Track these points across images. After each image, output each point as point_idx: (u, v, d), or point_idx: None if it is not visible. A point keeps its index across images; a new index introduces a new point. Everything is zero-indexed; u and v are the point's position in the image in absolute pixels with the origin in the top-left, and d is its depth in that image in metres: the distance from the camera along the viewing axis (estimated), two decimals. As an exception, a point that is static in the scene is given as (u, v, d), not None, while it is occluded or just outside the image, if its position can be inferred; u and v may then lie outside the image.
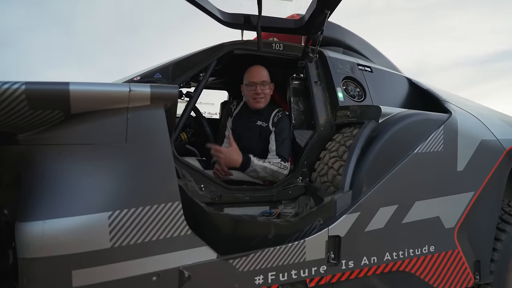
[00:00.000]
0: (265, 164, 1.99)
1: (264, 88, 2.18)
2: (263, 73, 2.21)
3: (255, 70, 2.21)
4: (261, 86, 2.17)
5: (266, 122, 2.21)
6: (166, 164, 1.29)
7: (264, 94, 2.19)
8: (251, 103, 2.22)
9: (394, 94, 2.38)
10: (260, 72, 2.21)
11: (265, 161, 1.99)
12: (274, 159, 2.04)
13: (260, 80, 2.17)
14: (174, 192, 1.29)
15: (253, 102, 2.20)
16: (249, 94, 2.20)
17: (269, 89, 2.23)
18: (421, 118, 1.84)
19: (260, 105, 2.20)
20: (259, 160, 1.99)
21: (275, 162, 2.02)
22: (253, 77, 2.19)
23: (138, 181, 1.25)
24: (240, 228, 1.55)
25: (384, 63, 2.64)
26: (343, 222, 1.58)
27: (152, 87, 1.25)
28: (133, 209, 1.22)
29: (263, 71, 2.21)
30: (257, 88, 2.16)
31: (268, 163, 2.00)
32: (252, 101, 2.20)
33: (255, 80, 2.17)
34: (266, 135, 2.18)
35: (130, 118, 1.24)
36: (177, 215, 1.29)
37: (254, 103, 2.20)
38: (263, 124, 2.21)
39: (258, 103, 2.19)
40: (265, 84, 2.19)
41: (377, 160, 1.68)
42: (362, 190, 1.64)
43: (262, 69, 2.23)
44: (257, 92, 2.16)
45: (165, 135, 1.29)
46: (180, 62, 1.88)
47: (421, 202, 1.75)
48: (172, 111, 1.32)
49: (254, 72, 2.20)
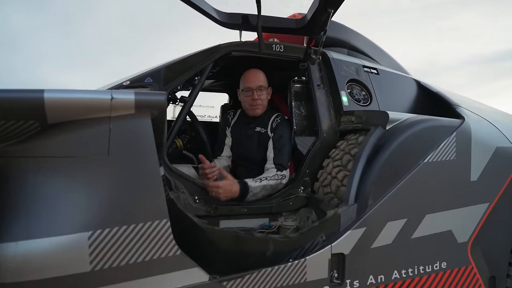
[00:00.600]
0: (262, 183, 1.84)
1: (261, 94, 2.07)
2: (259, 77, 2.09)
3: (251, 74, 2.10)
4: (258, 92, 2.06)
5: (265, 128, 2.10)
6: (152, 178, 1.18)
7: (261, 99, 2.08)
8: (248, 109, 2.11)
9: (402, 98, 2.25)
10: (256, 76, 2.09)
11: (262, 179, 1.85)
12: (270, 172, 1.92)
13: (257, 85, 2.06)
14: (162, 208, 1.18)
15: (250, 109, 2.10)
16: (245, 100, 2.09)
17: (267, 94, 2.12)
18: (431, 124, 1.71)
19: (257, 112, 2.10)
20: (256, 181, 1.84)
21: (271, 176, 1.89)
22: (249, 82, 2.07)
23: (121, 197, 1.14)
24: (236, 245, 1.44)
25: (391, 64, 2.52)
26: (347, 238, 1.46)
27: (136, 94, 1.14)
28: (115, 228, 1.11)
29: (259, 75, 2.10)
30: (253, 93, 2.05)
31: (265, 180, 1.87)
32: (249, 107, 2.10)
33: (251, 85, 2.06)
34: (265, 142, 2.07)
35: (112, 128, 1.13)
36: (165, 234, 1.18)
37: (251, 110, 2.09)
38: (262, 130, 2.10)
39: (255, 110, 2.08)
40: (262, 89, 2.08)
41: (385, 171, 1.56)
42: (368, 203, 1.52)
43: (259, 72, 2.11)
44: (254, 98, 2.05)
45: (151, 146, 1.17)
46: (173, 65, 1.77)
47: (432, 215, 1.63)
48: (159, 120, 1.21)
49: (250, 77, 2.09)
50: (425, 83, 2.39)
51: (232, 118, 2.24)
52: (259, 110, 2.09)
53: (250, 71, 2.12)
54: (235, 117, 2.24)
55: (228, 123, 2.22)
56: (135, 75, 1.68)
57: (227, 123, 2.22)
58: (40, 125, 1.04)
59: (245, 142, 2.10)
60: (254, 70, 2.12)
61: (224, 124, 2.23)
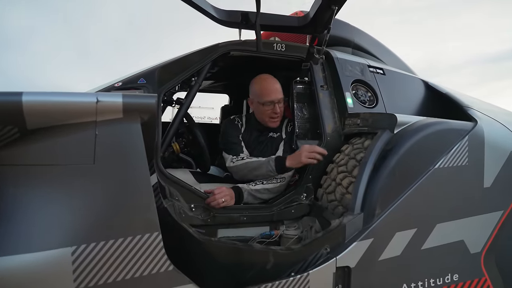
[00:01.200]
0: (256, 187, 1.77)
1: (281, 106, 2.00)
2: (278, 88, 1.99)
3: (270, 86, 1.98)
4: (279, 104, 1.98)
5: (278, 132, 2.05)
6: (142, 188, 1.09)
7: (281, 111, 2.01)
8: (266, 122, 2.02)
9: (410, 100, 2.15)
10: (275, 87, 1.98)
11: (257, 183, 1.79)
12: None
13: (278, 98, 1.96)
14: (152, 221, 1.09)
15: (269, 121, 2.02)
16: (265, 112, 1.99)
17: (283, 103, 2.04)
18: (442, 127, 1.61)
19: (277, 124, 2.04)
20: (249, 185, 1.78)
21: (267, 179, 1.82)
22: (270, 95, 1.95)
23: (108, 209, 1.05)
24: (234, 257, 1.35)
25: (397, 64, 2.42)
26: (353, 250, 1.37)
27: (124, 97, 1.06)
28: (102, 243, 1.02)
29: (277, 86, 1.99)
30: (275, 107, 1.96)
31: (260, 183, 1.79)
32: (268, 120, 2.01)
33: (273, 99, 1.95)
34: (277, 144, 2.02)
35: (99, 134, 1.04)
36: (156, 248, 1.09)
37: (270, 123, 2.02)
38: (274, 135, 2.05)
39: (275, 122, 2.03)
40: (281, 100, 2.00)
41: (393, 177, 1.46)
42: (376, 212, 1.43)
43: (276, 82, 2.00)
44: (276, 111, 1.97)
45: (141, 154, 1.08)
46: (169, 65, 1.68)
47: (443, 225, 1.54)
48: (150, 124, 1.12)
49: (270, 89, 1.97)
50: (433, 84, 2.29)
51: (242, 125, 2.13)
52: (278, 122, 2.04)
53: (267, 80, 2.01)
54: (244, 123, 2.14)
55: (238, 130, 2.10)
56: (128, 76, 1.59)
57: (237, 130, 2.10)
58: (19, 131, 0.96)
59: (258, 149, 2.02)
60: (270, 79, 2.01)
61: (233, 130, 2.10)
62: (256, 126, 2.09)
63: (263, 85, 2.00)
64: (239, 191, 1.73)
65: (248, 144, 2.04)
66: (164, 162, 1.87)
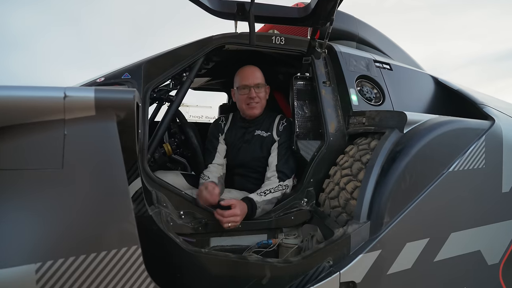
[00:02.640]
0: (267, 197, 1.61)
1: (259, 91, 1.87)
2: (256, 74, 1.89)
3: (247, 71, 1.89)
4: (256, 89, 1.85)
5: (268, 131, 1.89)
6: (119, 195, 0.96)
7: (259, 98, 1.87)
8: (244, 109, 1.89)
9: (419, 97, 2.01)
10: (253, 73, 1.89)
11: (266, 193, 1.63)
12: (272, 183, 1.69)
13: (254, 82, 1.85)
14: (130, 233, 0.95)
15: (247, 108, 1.88)
16: (241, 98, 1.88)
17: (265, 92, 1.93)
18: (457, 126, 1.47)
19: (255, 112, 1.88)
20: (260, 194, 1.61)
21: (274, 187, 1.66)
22: (245, 79, 1.87)
23: (79, 220, 0.92)
24: (226, 271, 1.23)
25: (405, 59, 2.28)
26: (359, 263, 1.24)
27: (97, 91, 0.93)
28: (71, 259, 0.89)
29: (256, 72, 1.90)
30: (251, 91, 1.84)
31: (270, 193, 1.63)
32: (245, 107, 1.88)
33: (248, 83, 1.85)
34: (268, 146, 1.86)
35: (68, 134, 0.91)
36: (135, 264, 0.96)
37: (248, 109, 1.88)
38: (264, 134, 1.88)
39: (252, 109, 1.87)
40: (260, 86, 1.88)
41: (403, 182, 1.33)
42: (384, 220, 1.29)
43: (255, 69, 1.91)
44: (251, 96, 1.84)
45: (117, 156, 0.95)
46: (157, 59, 1.55)
47: (457, 234, 1.41)
48: (128, 123, 0.99)
49: (246, 73, 1.89)
50: (443, 80, 2.14)
51: (225, 124, 2.01)
52: (257, 110, 1.88)
53: (245, 67, 1.92)
54: (228, 122, 2.01)
55: (221, 130, 1.98)
56: (112, 71, 1.46)
57: (219, 129, 1.99)
58: None
59: (244, 148, 1.88)
60: (250, 67, 1.92)
61: (216, 131, 1.99)
62: (240, 123, 1.97)
63: (240, 71, 1.92)
64: (253, 207, 1.55)
65: (232, 144, 1.92)
66: (155, 165, 1.75)
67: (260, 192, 1.62)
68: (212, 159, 1.87)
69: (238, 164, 1.89)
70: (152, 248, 1.16)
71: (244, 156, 1.86)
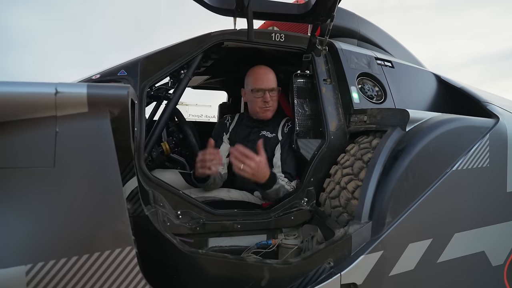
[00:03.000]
0: (282, 183, 1.63)
1: (273, 95, 1.87)
2: (271, 77, 1.88)
3: (262, 74, 1.88)
4: (270, 93, 1.85)
5: (273, 133, 1.88)
6: (113, 195, 0.93)
7: (273, 101, 1.88)
8: (258, 112, 1.89)
9: (421, 95, 1.98)
10: (268, 76, 1.87)
11: (282, 179, 1.66)
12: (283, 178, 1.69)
13: (269, 86, 1.85)
14: (124, 233, 0.93)
15: (261, 111, 1.88)
16: (255, 102, 1.87)
17: (277, 95, 1.92)
18: (460, 124, 1.44)
19: (269, 115, 1.89)
20: (280, 177, 1.64)
21: (286, 181, 1.68)
22: (260, 83, 1.85)
23: (71, 220, 0.89)
24: (224, 272, 1.19)
25: (406, 57, 2.24)
26: (360, 264, 1.20)
27: (90, 87, 0.90)
28: (63, 260, 0.86)
29: (271, 75, 1.89)
30: (265, 95, 1.84)
31: (282, 181, 1.64)
32: (259, 110, 1.87)
33: (263, 87, 1.84)
34: (272, 147, 1.84)
35: (60, 131, 0.88)
36: (129, 265, 0.93)
37: (262, 113, 1.88)
38: (269, 135, 1.87)
39: (266, 112, 1.88)
40: (274, 90, 1.87)
41: (405, 181, 1.29)
42: (386, 220, 1.26)
43: (269, 71, 1.89)
44: (266, 100, 1.84)
45: (111, 154, 0.92)
46: (154, 56, 1.52)
47: (461, 234, 1.38)
48: (122, 120, 0.96)
49: (261, 76, 1.87)
50: (446, 78, 2.11)
51: (231, 124, 1.99)
52: (270, 113, 1.89)
53: (259, 69, 1.90)
54: (234, 122, 1.99)
55: (225, 129, 1.97)
56: (109, 68, 1.43)
57: (224, 129, 1.97)
58: None
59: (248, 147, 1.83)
60: (264, 69, 1.90)
61: (221, 130, 1.97)
62: (247, 122, 1.96)
63: (255, 72, 1.89)
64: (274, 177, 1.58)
65: (237, 143, 1.87)
66: (152, 164, 1.72)
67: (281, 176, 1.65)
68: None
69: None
70: (148, 249, 1.14)
71: None
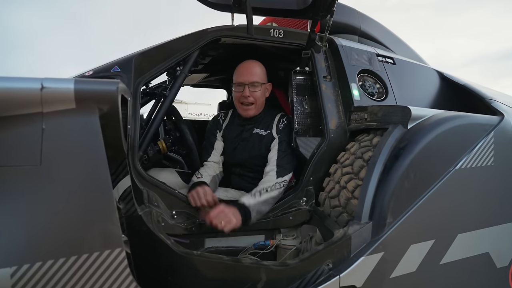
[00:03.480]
0: (262, 198, 1.49)
1: (254, 90, 1.73)
2: (254, 71, 1.76)
3: (244, 67, 1.77)
4: (251, 88, 1.73)
5: (268, 130, 1.78)
6: (101, 194, 0.89)
7: (254, 98, 1.74)
8: (239, 109, 1.80)
9: (424, 92, 1.94)
10: (250, 69, 1.76)
11: (262, 193, 1.50)
12: (269, 181, 1.57)
13: (250, 80, 1.73)
14: (114, 234, 0.89)
15: (241, 109, 1.78)
16: (235, 97, 1.79)
17: (263, 90, 1.79)
18: (464, 122, 1.40)
19: (249, 113, 1.77)
20: (254, 195, 1.49)
21: (270, 185, 1.55)
22: (241, 76, 1.75)
23: (58, 220, 0.86)
24: (219, 274, 1.16)
25: (408, 54, 2.20)
26: (360, 266, 1.17)
27: (77, 82, 0.86)
28: (50, 262, 0.83)
29: (254, 68, 1.77)
30: (245, 90, 1.72)
31: (265, 192, 1.51)
32: (239, 106, 1.78)
33: (242, 80, 1.73)
34: (267, 145, 1.75)
35: (46, 128, 0.85)
36: (119, 268, 0.89)
37: (241, 110, 1.78)
38: (263, 132, 1.78)
39: (246, 110, 1.76)
40: (256, 85, 1.74)
41: (406, 180, 1.26)
42: (387, 221, 1.22)
43: (255, 65, 1.78)
44: (245, 95, 1.72)
45: (99, 152, 0.89)
46: (149, 52, 1.48)
47: (465, 235, 1.34)
48: (112, 117, 0.93)
49: (243, 70, 1.77)
50: (448, 75, 2.06)
51: (224, 120, 1.92)
52: (251, 111, 1.77)
53: (244, 62, 1.80)
54: (227, 119, 1.92)
55: (219, 126, 1.90)
56: (103, 64, 1.40)
57: (218, 126, 1.90)
58: None
59: (240, 146, 1.79)
60: (249, 62, 1.80)
61: (214, 127, 1.90)
62: (237, 119, 1.87)
63: (239, 66, 1.79)
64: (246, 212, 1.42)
65: (230, 142, 1.83)
66: (148, 162, 1.69)
67: (255, 192, 1.50)
68: (208, 156, 1.79)
69: (235, 163, 1.81)
70: (141, 250, 1.11)
71: (241, 155, 1.78)
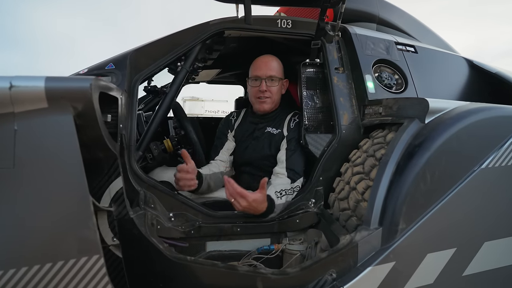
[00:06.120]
0: (283, 201, 1.42)
1: (271, 85, 1.69)
2: (271, 65, 1.70)
3: (261, 61, 1.72)
4: (268, 82, 1.68)
5: (279, 128, 1.71)
6: (77, 198, 0.84)
7: (271, 92, 1.69)
8: (254, 104, 1.74)
9: (450, 83, 1.76)
10: (268, 63, 1.71)
11: (283, 194, 1.43)
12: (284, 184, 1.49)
13: (267, 74, 1.68)
14: (91, 240, 0.84)
15: (257, 103, 1.72)
16: (251, 91, 1.73)
17: (280, 86, 1.73)
18: (491, 115, 1.24)
19: (265, 107, 1.71)
20: (278, 196, 1.41)
21: (288, 189, 1.48)
22: (258, 70, 1.70)
23: (31, 225, 0.81)
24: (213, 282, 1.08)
25: (434, 41, 2.01)
26: (367, 277, 1.05)
27: (48, 80, 0.81)
28: (24, 269, 0.79)
29: (272, 63, 1.71)
30: (262, 84, 1.67)
31: (285, 195, 1.45)
32: (255, 100, 1.72)
33: (259, 74, 1.69)
34: (277, 144, 1.68)
35: (19, 129, 0.81)
36: (96, 276, 0.85)
37: (257, 104, 1.72)
38: (274, 131, 1.71)
39: (262, 104, 1.70)
40: (274, 79, 1.69)
41: (423, 181, 1.12)
42: (399, 226, 1.10)
43: (272, 59, 1.73)
44: (262, 89, 1.67)
45: (74, 153, 0.84)
46: (146, 47, 1.43)
47: (492, 243, 1.19)
48: (87, 116, 0.87)
49: (260, 63, 1.71)
50: (479, 63, 1.86)
51: (236, 120, 1.87)
52: (267, 105, 1.71)
53: (262, 56, 1.75)
54: (239, 118, 1.87)
55: (230, 126, 1.85)
56: (98, 63, 1.36)
57: (229, 126, 1.85)
58: None
59: (252, 145, 1.73)
60: (267, 56, 1.75)
61: (226, 127, 1.86)
62: (251, 118, 1.81)
63: (256, 60, 1.74)
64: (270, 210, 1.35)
65: (241, 141, 1.77)
66: (153, 162, 1.64)
67: (277, 192, 1.42)
68: (216, 155, 1.76)
69: (246, 162, 1.74)
70: (132, 255, 1.06)
71: (252, 154, 1.71)
